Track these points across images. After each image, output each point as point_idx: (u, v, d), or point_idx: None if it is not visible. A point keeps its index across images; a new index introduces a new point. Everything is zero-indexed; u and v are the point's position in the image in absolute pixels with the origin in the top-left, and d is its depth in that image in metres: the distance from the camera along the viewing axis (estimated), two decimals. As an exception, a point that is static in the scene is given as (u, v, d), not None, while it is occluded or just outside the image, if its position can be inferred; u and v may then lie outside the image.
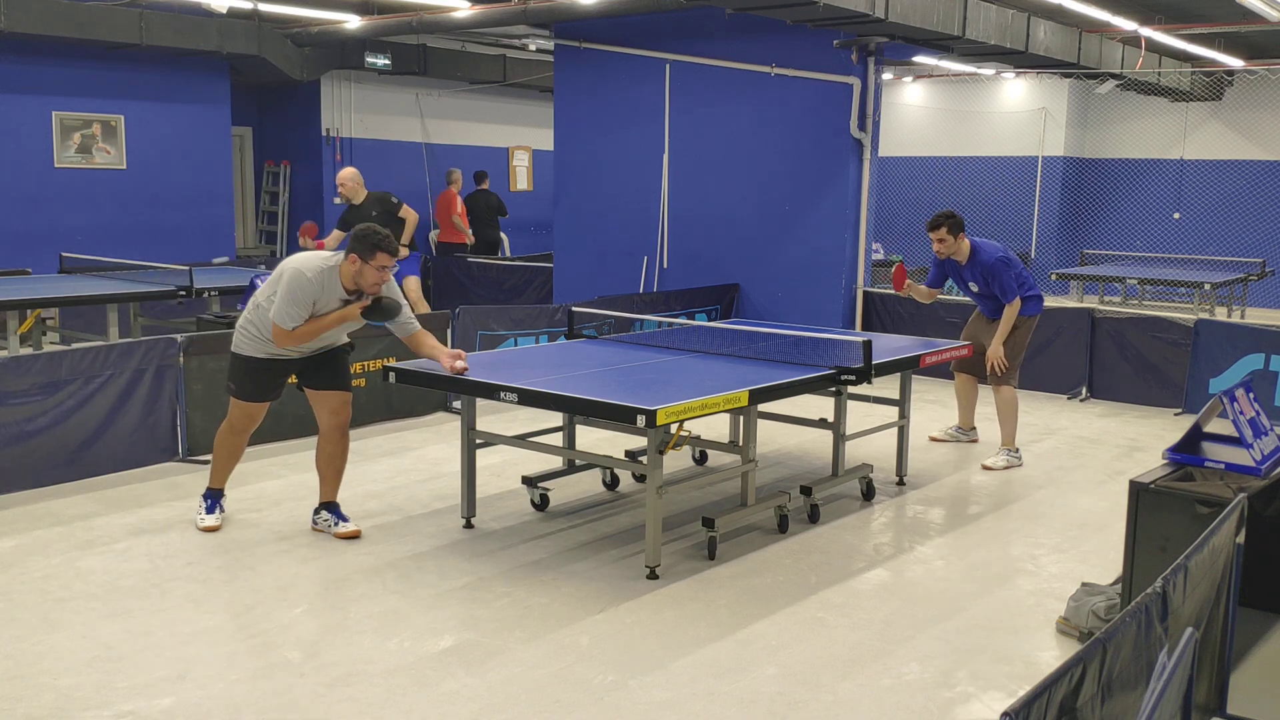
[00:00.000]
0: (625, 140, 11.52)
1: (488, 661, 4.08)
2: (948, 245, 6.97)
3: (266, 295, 5.19)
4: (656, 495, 4.86)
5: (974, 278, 7.09)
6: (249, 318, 5.28)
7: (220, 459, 5.53)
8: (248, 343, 5.28)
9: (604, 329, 8.39)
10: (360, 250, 5.01)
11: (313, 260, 5.13)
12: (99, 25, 11.91)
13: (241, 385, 5.35)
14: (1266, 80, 14.78)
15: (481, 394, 5.25)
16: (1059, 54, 11.45)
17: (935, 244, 7.01)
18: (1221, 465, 4.22)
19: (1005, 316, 6.99)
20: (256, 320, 5.22)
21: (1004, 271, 6.97)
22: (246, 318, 5.30)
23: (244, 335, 5.28)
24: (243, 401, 5.37)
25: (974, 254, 7.03)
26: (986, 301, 7.20)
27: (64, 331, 10.21)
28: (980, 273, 7.04)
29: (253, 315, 5.25)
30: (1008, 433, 7.13)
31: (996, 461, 7.04)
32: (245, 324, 5.29)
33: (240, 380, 5.35)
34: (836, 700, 3.84)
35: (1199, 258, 15.45)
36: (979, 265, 7.03)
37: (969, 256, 7.05)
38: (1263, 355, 8.32)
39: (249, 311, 5.30)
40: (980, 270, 7.03)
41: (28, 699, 3.73)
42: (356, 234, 5.08)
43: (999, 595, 4.86)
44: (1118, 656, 2.33)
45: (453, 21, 11.92)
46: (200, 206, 14.02)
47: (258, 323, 5.22)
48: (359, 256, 5.01)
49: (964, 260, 7.07)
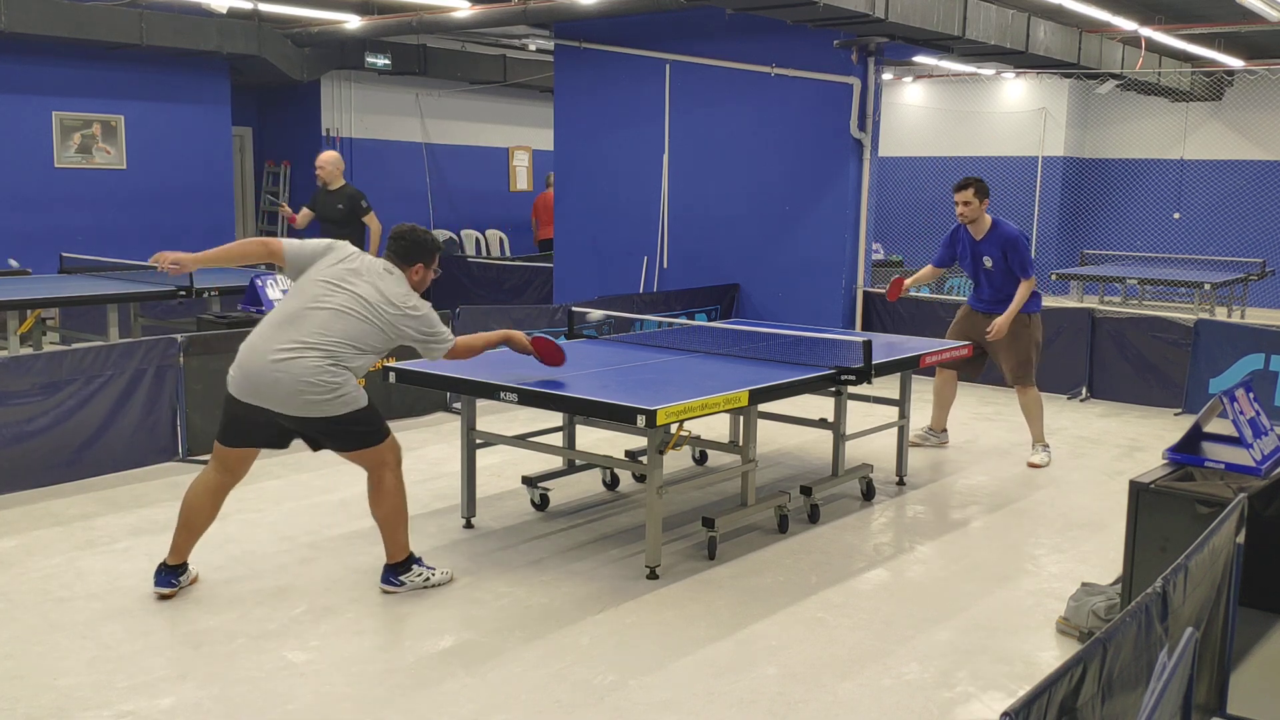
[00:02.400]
0: (625, 140, 11.52)
1: (488, 661, 4.08)
2: (972, 209, 6.86)
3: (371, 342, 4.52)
4: (656, 495, 4.86)
5: (990, 252, 6.94)
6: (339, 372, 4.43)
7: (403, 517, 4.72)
8: (359, 391, 4.56)
9: (604, 329, 8.39)
10: (425, 258, 4.70)
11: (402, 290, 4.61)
12: (99, 25, 11.91)
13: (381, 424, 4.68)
14: (1266, 80, 14.77)
15: (481, 394, 5.25)
16: (1059, 54, 11.45)
17: (960, 206, 6.89)
18: (1221, 465, 4.22)
19: (1020, 293, 6.87)
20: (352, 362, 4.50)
21: (1025, 247, 6.92)
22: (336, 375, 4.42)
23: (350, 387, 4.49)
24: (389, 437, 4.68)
25: (994, 227, 6.94)
26: (993, 281, 7.01)
27: (64, 331, 10.20)
28: (1000, 246, 6.90)
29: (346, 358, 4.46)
30: (1038, 430, 7.16)
31: (1042, 459, 7.09)
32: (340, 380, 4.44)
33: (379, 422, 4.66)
34: (836, 700, 3.83)
35: (1199, 258, 15.45)
36: (1000, 238, 6.90)
37: (987, 230, 6.94)
38: (1263, 355, 8.33)
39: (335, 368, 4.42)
40: (1000, 243, 6.90)
41: (28, 699, 3.73)
42: (416, 241, 4.68)
43: (999, 595, 4.86)
44: (1118, 656, 2.33)
45: (453, 21, 11.92)
46: (200, 206, 14.02)
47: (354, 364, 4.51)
48: (424, 265, 4.70)
49: (980, 234, 6.95)
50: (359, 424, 4.54)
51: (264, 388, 4.41)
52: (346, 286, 4.52)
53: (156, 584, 4.62)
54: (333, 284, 4.53)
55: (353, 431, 4.55)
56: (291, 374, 4.36)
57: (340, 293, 4.51)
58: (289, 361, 4.36)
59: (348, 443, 4.59)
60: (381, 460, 4.63)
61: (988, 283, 7.08)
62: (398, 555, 4.72)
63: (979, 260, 7.05)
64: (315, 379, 4.37)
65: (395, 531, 4.70)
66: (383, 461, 4.63)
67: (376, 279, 4.57)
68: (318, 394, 4.39)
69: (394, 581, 4.71)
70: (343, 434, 4.54)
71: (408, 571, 4.73)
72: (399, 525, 4.70)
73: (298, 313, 4.48)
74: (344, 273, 4.57)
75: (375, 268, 4.61)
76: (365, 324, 4.49)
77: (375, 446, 4.60)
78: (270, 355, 4.39)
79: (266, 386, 4.40)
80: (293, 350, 4.38)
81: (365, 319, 4.49)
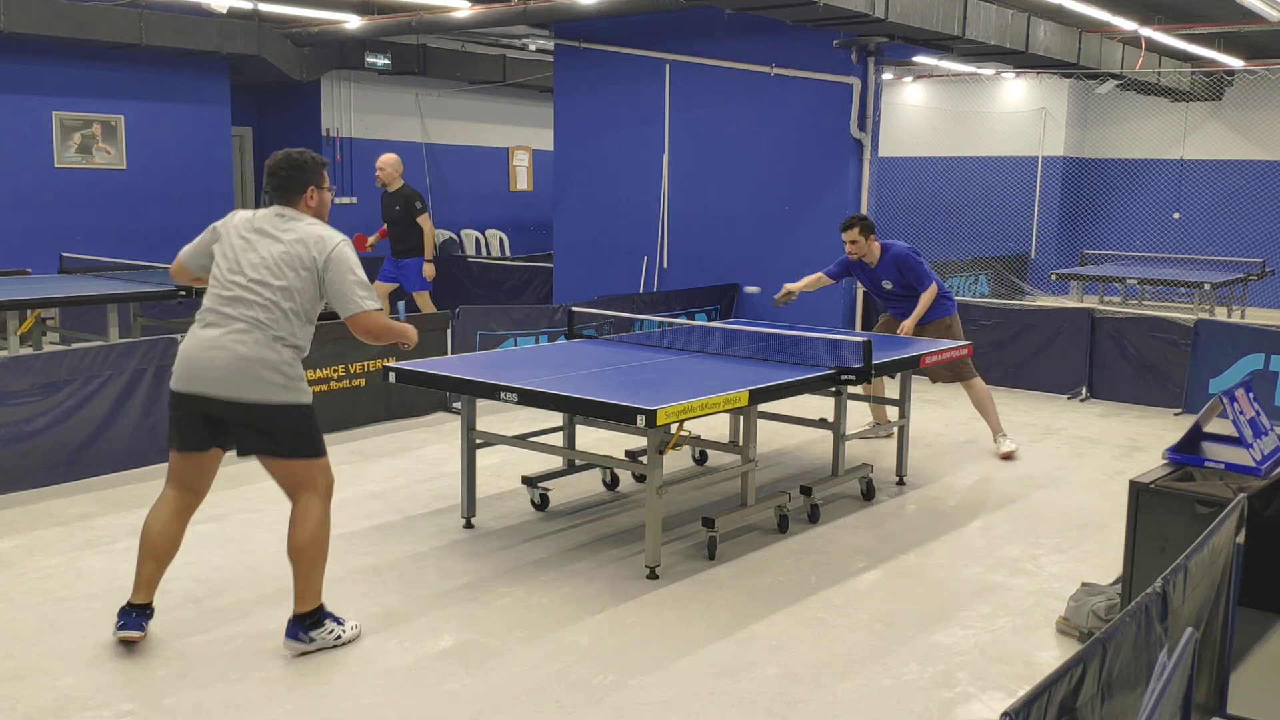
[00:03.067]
0: (625, 140, 11.52)
1: (488, 661, 4.08)
2: (859, 246, 7.12)
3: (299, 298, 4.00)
4: (656, 495, 4.86)
5: (887, 275, 7.20)
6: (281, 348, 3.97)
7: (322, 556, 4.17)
8: (300, 379, 4.04)
9: (604, 329, 8.39)
10: (311, 179, 4.15)
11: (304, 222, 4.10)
12: (99, 25, 11.92)
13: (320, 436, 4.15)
14: (1266, 80, 14.78)
15: (481, 394, 5.25)
16: (1059, 54, 11.45)
17: (848, 245, 7.15)
18: (1221, 465, 4.22)
19: (923, 300, 7.12)
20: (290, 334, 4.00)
21: (917, 263, 7.18)
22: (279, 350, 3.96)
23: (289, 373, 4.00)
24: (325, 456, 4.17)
25: (884, 252, 7.17)
26: (899, 302, 7.30)
27: (64, 331, 10.21)
28: (895, 268, 7.15)
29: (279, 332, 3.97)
30: (994, 421, 7.34)
31: (1009, 446, 7.23)
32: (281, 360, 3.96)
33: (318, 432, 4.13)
34: (836, 700, 3.83)
35: (1199, 258, 15.46)
36: (892, 261, 7.15)
37: (879, 257, 7.18)
38: (1263, 355, 8.33)
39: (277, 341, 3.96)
40: (894, 265, 7.15)
41: (28, 699, 3.73)
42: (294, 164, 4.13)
43: (999, 595, 4.86)
44: (1118, 656, 2.33)
45: (453, 21, 11.92)
46: (200, 206, 13.99)
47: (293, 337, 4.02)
48: (315, 186, 4.16)
49: (874, 262, 7.20)
50: (300, 422, 4.02)
51: (198, 371, 3.94)
52: (256, 249, 4.01)
53: (126, 627, 4.06)
54: (236, 254, 4.02)
55: (292, 430, 4.01)
56: (244, 350, 3.90)
57: (251, 256, 4.00)
58: (244, 334, 3.91)
59: (283, 445, 4.01)
60: (313, 482, 4.09)
61: (893, 301, 7.36)
62: (310, 603, 4.07)
63: (878, 284, 7.33)
64: (273, 353, 3.92)
65: (312, 572, 4.07)
66: (314, 484, 4.09)
67: (276, 228, 4.05)
68: (270, 370, 3.91)
69: (300, 636, 4.06)
70: (281, 433, 4.00)
71: (319, 626, 4.09)
72: (317, 565, 4.09)
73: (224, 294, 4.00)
74: (239, 243, 4.04)
75: (265, 216, 4.09)
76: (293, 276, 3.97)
77: (310, 461, 4.06)
78: (212, 332, 3.95)
79: (201, 368, 3.93)
80: (245, 324, 3.92)
81: (291, 268, 3.97)
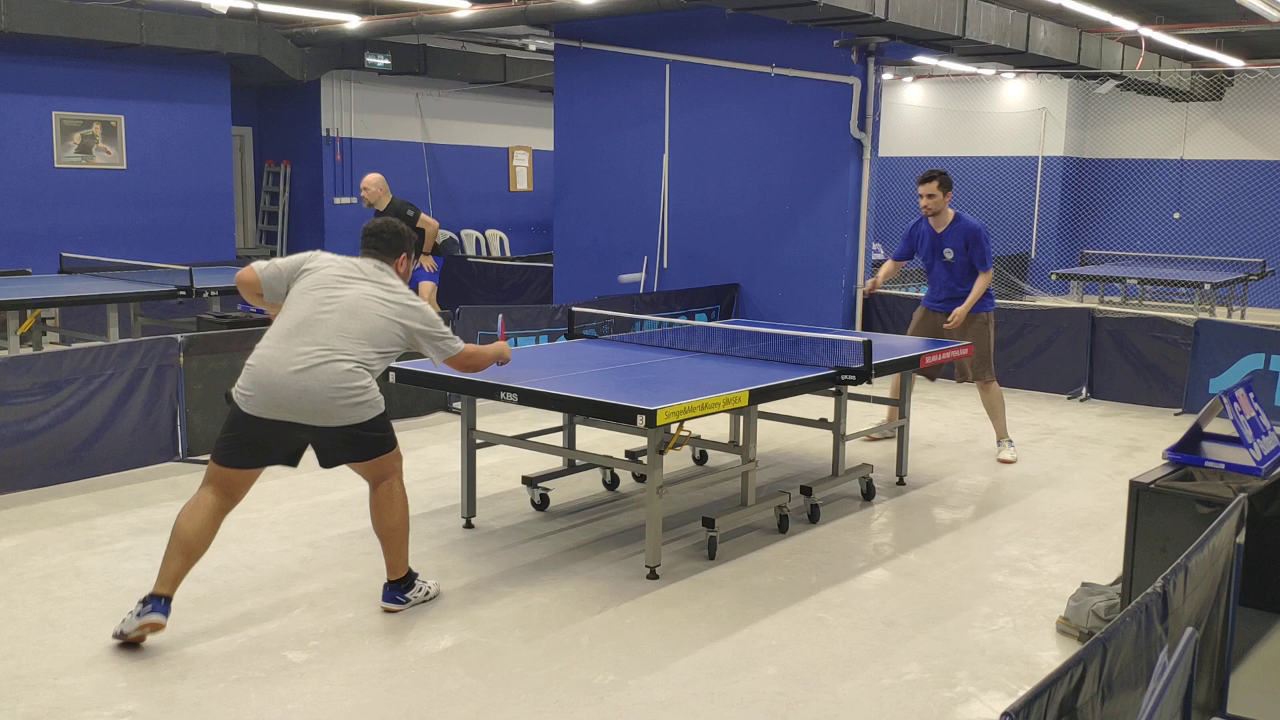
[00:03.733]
0: (625, 140, 11.52)
1: (488, 661, 4.08)
2: (935, 201, 6.97)
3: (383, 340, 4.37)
4: (656, 495, 4.86)
5: (952, 244, 7.04)
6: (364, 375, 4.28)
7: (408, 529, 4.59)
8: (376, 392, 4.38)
9: (604, 329, 8.39)
10: (406, 246, 4.64)
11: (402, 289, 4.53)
12: (99, 25, 11.92)
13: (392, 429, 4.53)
14: (1266, 80, 14.78)
15: (481, 394, 5.25)
16: (1059, 54, 11.45)
17: (924, 199, 6.99)
18: (1221, 465, 4.22)
19: (979, 284, 7.00)
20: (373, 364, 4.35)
21: (986, 240, 7.04)
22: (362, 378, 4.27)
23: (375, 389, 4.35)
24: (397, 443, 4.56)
25: (956, 219, 7.06)
26: (952, 273, 7.10)
27: (64, 331, 10.21)
28: (961, 238, 7.01)
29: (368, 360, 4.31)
30: (1001, 425, 7.24)
31: (1011, 454, 7.16)
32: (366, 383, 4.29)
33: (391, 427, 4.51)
34: (836, 700, 3.83)
35: (1199, 258, 15.46)
36: (961, 230, 7.02)
37: (949, 222, 7.05)
38: (1263, 355, 8.33)
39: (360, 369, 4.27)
40: (961, 236, 7.01)
41: (28, 699, 3.73)
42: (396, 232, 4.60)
43: (999, 595, 4.86)
44: (1118, 656, 2.33)
45: (453, 21, 11.92)
46: (200, 206, 14.03)
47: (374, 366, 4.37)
48: (407, 255, 4.64)
49: (942, 226, 7.06)
50: (378, 429, 4.39)
51: (289, 400, 4.18)
52: (349, 287, 4.37)
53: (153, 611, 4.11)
54: (331, 288, 4.37)
55: (372, 438, 4.38)
56: (320, 381, 4.18)
57: (344, 294, 4.35)
58: (316, 369, 4.18)
59: (366, 450, 4.39)
60: (392, 469, 4.50)
61: (946, 275, 7.14)
62: (401, 570, 4.55)
63: (939, 252, 7.13)
64: (345, 384, 4.21)
65: (401, 545, 4.53)
66: (393, 470, 4.50)
67: (372, 275, 4.45)
68: (348, 399, 4.22)
69: (399, 599, 4.53)
70: (363, 441, 4.36)
71: (412, 588, 4.57)
72: (405, 538, 4.54)
73: (306, 320, 4.29)
74: (335, 277, 4.41)
75: (365, 266, 4.48)
76: (379, 320, 4.34)
77: (388, 454, 4.46)
78: (292, 366, 4.18)
79: (293, 398, 4.18)
80: (317, 357, 4.20)
81: (378, 316, 4.34)
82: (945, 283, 7.16)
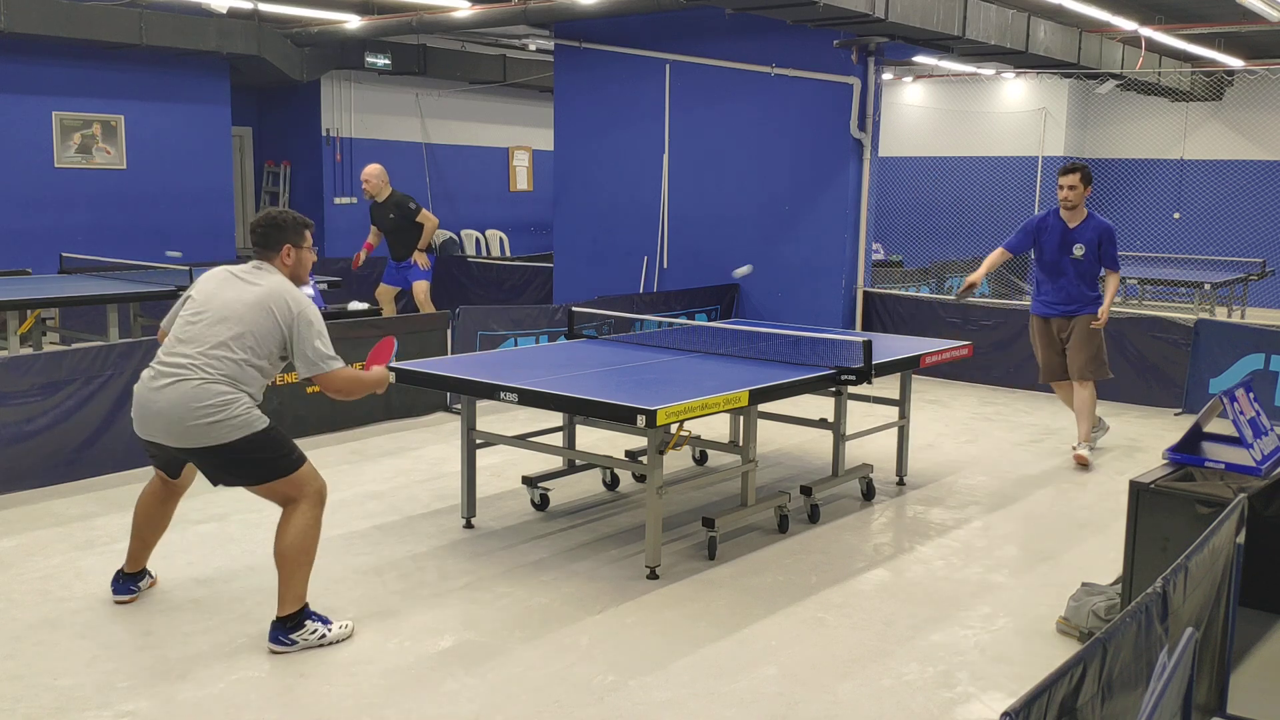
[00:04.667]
0: (625, 140, 11.52)
1: (488, 661, 4.08)
2: (1076, 194, 6.91)
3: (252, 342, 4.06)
4: (656, 495, 4.86)
5: (1084, 240, 6.92)
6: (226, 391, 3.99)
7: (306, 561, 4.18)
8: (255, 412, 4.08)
9: (604, 329, 8.39)
10: (289, 238, 4.23)
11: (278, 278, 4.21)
12: (99, 25, 11.92)
13: (291, 450, 4.17)
14: (1266, 80, 14.78)
15: (481, 394, 5.25)
16: (1059, 54, 11.45)
17: (1065, 191, 6.91)
18: (1221, 465, 4.22)
19: (1113, 283, 6.98)
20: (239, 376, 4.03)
21: (1115, 239, 6.97)
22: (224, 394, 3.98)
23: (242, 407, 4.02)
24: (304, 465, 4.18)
25: (1090, 216, 6.99)
26: (1075, 274, 6.97)
27: (64, 331, 10.21)
28: (1096, 235, 6.92)
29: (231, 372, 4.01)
30: (1086, 429, 7.14)
31: (1085, 451, 7.09)
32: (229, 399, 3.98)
33: (287, 447, 4.15)
34: (836, 700, 3.84)
35: (1199, 258, 15.46)
36: (1096, 228, 6.94)
37: (1083, 219, 6.97)
38: (1263, 355, 8.33)
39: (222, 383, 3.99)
40: (1096, 232, 6.92)
41: (28, 699, 3.73)
42: (273, 224, 4.23)
43: (999, 595, 4.86)
44: (1118, 656, 2.33)
45: (453, 21, 11.92)
46: (200, 206, 14.02)
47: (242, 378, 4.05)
48: (292, 245, 4.24)
49: (1076, 221, 6.97)
50: (260, 450, 4.04)
51: (149, 418, 4.05)
52: (222, 292, 4.12)
53: (115, 592, 4.50)
54: (199, 303, 4.14)
55: (254, 460, 4.04)
56: (169, 400, 3.96)
57: (209, 306, 4.10)
58: (167, 388, 3.98)
59: (251, 474, 4.08)
60: (298, 493, 4.11)
61: (1073, 272, 6.99)
62: (291, 606, 4.10)
63: (1068, 249, 6.98)
64: (195, 402, 3.94)
65: (294, 576, 4.10)
66: (299, 495, 4.12)
67: (249, 276, 4.17)
68: (199, 419, 3.94)
69: (281, 639, 4.09)
70: (243, 464, 4.05)
71: (300, 629, 4.11)
72: (300, 569, 4.11)
73: (171, 339, 4.14)
74: (204, 293, 4.16)
75: (243, 269, 4.22)
76: (252, 320, 4.03)
77: (287, 477, 4.09)
78: (150, 386, 4.04)
79: (152, 418, 4.03)
80: (169, 376, 3.99)
81: (241, 319, 4.03)
82: (1066, 285, 7.03)
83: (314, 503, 4.15)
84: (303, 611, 4.14)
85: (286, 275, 4.24)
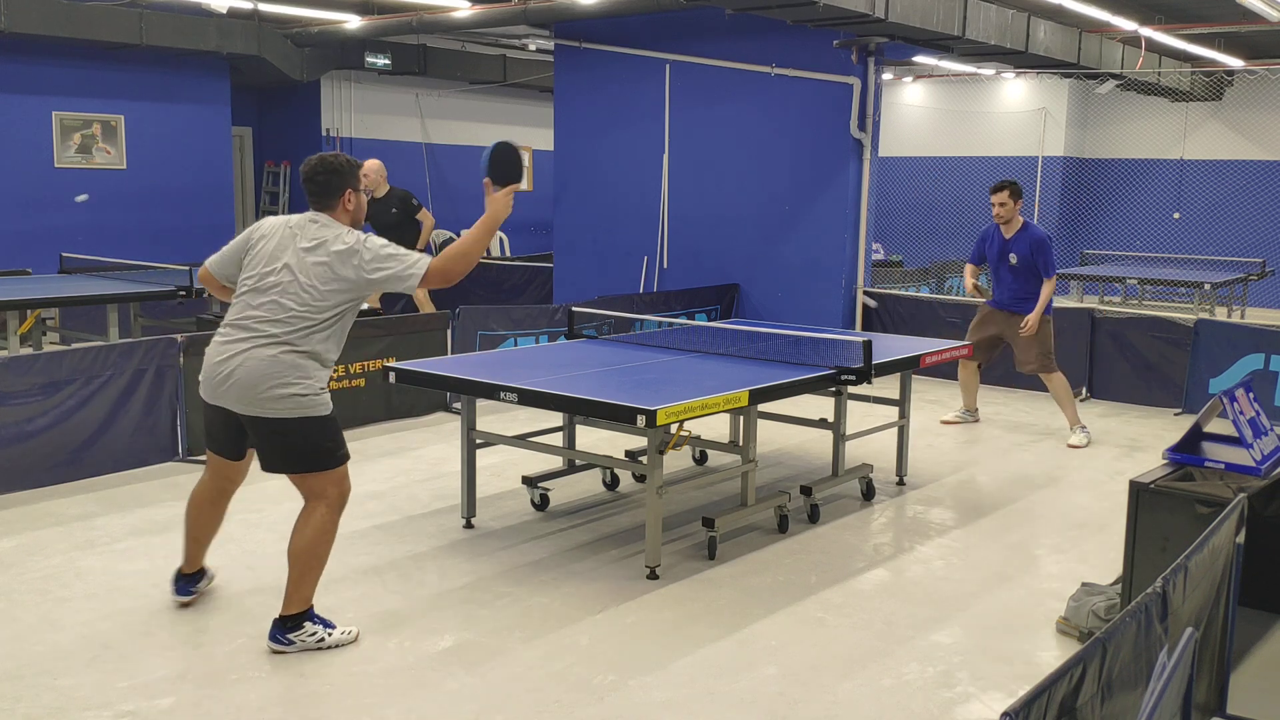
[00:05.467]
0: (625, 140, 11.52)
1: (488, 661, 4.08)
2: (1007, 209, 7.52)
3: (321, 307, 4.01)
4: (656, 495, 4.86)
5: (1018, 249, 7.50)
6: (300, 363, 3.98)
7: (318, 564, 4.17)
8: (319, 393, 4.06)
9: (604, 329, 8.39)
10: (349, 181, 4.20)
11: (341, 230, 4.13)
12: (99, 25, 11.92)
13: (342, 444, 4.16)
14: (1266, 80, 14.78)
15: (481, 394, 5.25)
16: (1059, 54, 11.45)
17: (996, 207, 7.52)
18: (1221, 465, 4.22)
19: (1045, 291, 7.46)
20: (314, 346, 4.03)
21: (1050, 250, 7.50)
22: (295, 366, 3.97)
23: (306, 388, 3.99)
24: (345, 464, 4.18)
25: (1024, 227, 7.57)
26: (1014, 280, 7.59)
27: (64, 331, 10.21)
28: (1028, 245, 7.47)
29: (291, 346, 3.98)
30: (1072, 414, 7.65)
31: (1081, 439, 7.55)
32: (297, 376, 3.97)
33: (340, 441, 4.15)
34: (836, 700, 3.83)
35: (1199, 258, 15.45)
36: (1028, 238, 7.51)
37: (1018, 230, 7.53)
38: (1263, 355, 8.33)
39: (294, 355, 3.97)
40: (1028, 243, 7.49)
41: (28, 699, 3.73)
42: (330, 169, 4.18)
43: (999, 595, 4.86)
44: (1118, 656, 2.33)
45: (453, 21, 11.92)
46: (200, 206, 14.03)
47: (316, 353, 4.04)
48: (351, 189, 4.20)
49: (1010, 233, 7.55)
50: (317, 435, 4.05)
51: (219, 382, 4.02)
52: (281, 258, 4.07)
53: (176, 592, 4.49)
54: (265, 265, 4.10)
55: (309, 445, 4.04)
56: (245, 367, 3.95)
57: (276, 268, 4.05)
58: (241, 355, 3.97)
59: (299, 461, 4.07)
60: (323, 491, 4.11)
61: (1011, 278, 7.62)
62: (295, 607, 4.10)
63: (1005, 257, 7.63)
64: (270, 370, 3.94)
65: (304, 577, 4.10)
66: (324, 493, 4.11)
67: (308, 233, 4.09)
68: (270, 387, 3.93)
69: (280, 639, 4.09)
70: (295, 449, 4.05)
71: (299, 629, 4.09)
72: (310, 571, 4.11)
73: (241, 304, 4.10)
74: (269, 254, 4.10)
75: (300, 225, 4.14)
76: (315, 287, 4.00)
77: (324, 472, 4.09)
78: (220, 355, 4.03)
79: (222, 383, 4.01)
80: (243, 343, 3.99)
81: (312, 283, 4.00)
82: (1009, 285, 7.66)
83: (335, 506, 4.15)
84: (306, 613, 4.14)
85: (348, 224, 4.16)
